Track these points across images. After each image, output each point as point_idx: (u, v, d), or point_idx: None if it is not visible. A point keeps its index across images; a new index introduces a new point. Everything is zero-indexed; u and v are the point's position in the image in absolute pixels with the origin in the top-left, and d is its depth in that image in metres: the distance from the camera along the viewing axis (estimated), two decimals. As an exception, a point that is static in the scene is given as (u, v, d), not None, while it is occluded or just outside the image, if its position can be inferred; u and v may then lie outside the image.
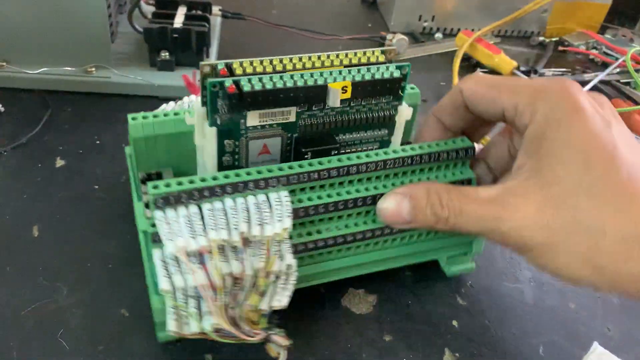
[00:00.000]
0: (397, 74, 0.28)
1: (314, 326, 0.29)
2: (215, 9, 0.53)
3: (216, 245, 0.23)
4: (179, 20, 0.46)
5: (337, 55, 0.28)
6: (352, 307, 0.31)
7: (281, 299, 0.25)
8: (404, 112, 0.30)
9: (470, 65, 0.56)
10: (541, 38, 0.62)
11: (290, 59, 0.27)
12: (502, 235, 0.24)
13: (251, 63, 0.26)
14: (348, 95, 0.27)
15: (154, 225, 0.23)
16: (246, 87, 0.25)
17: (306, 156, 0.28)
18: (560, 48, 0.61)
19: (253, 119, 0.26)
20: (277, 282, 0.25)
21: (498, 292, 0.33)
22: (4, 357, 0.26)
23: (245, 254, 0.24)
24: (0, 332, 0.27)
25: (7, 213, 0.33)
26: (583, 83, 0.52)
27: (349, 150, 0.30)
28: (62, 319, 0.28)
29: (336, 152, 0.28)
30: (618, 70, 0.55)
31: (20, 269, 0.30)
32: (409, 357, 0.28)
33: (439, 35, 0.60)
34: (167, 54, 0.45)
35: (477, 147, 0.31)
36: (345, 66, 0.28)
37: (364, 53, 0.29)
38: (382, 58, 0.29)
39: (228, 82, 0.25)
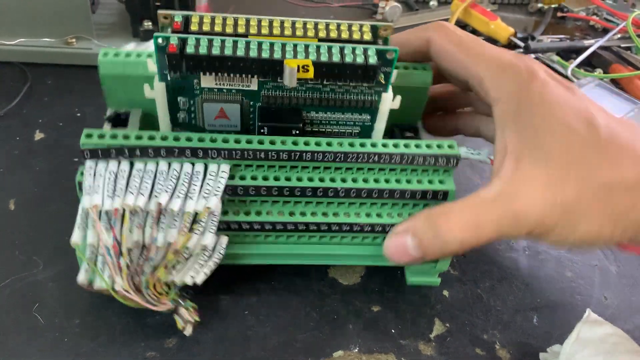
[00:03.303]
0: (373, 60, 0.24)
1: (299, 297, 0.28)
2: (201, -22, 0.51)
3: (128, 211, 0.23)
4: (161, -12, 0.44)
5: (316, 25, 0.25)
6: (340, 278, 0.29)
7: (195, 276, 0.24)
8: (388, 101, 0.26)
9: (465, 33, 0.54)
10: (540, 4, 0.60)
11: (259, 22, 0.25)
12: (521, 229, 0.24)
13: (212, 20, 0.24)
14: (310, 75, 0.23)
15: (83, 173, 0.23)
16: (189, 49, 0.23)
17: (262, 131, 0.26)
18: (560, 14, 0.59)
19: (208, 80, 0.25)
20: (197, 257, 0.24)
21: (491, 262, 0.32)
22: (-24, 333, 0.25)
23: (162, 224, 0.23)
24: (-28, 307, 0.26)
25: (-18, 187, 0.32)
26: (582, 49, 0.50)
27: (322, 129, 0.27)
28: (37, 293, 0.27)
29: (298, 131, 0.26)
30: (619, 36, 0.53)
31: (-5, 243, 0.29)
32: (397, 327, 0.27)
33: (433, 2, 0.58)
34: (150, 23, 0.44)
35: None
36: (320, 40, 0.25)
37: (349, 27, 0.25)
38: (368, 36, 0.25)
39: (173, 40, 0.23)
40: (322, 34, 0.25)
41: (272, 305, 0.28)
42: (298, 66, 0.23)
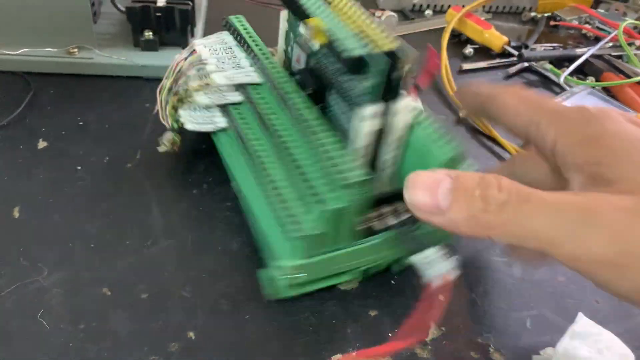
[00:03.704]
0: (355, 52, 0.26)
1: (298, 302, 0.29)
2: (201, -12, 0.52)
3: (203, 52, 0.34)
4: (162, -1, 0.45)
5: (361, 15, 0.28)
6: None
7: (186, 121, 0.33)
8: (365, 112, 0.26)
9: (460, 41, 0.55)
10: (533, 13, 0.61)
11: None
12: (583, 244, 0.18)
13: None
14: (324, 39, 0.28)
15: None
16: None
17: (296, 76, 0.32)
18: (552, 23, 0.60)
19: (302, 28, 0.31)
20: (202, 113, 0.33)
21: (486, 266, 0.32)
22: (-17, 338, 0.26)
23: (200, 72, 0.33)
24: (-21, 313, 0.27)
25: (-13, 195, 0.33)
26: (575, 57, 0.51)
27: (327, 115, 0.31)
28: (42, 299, 0.28)
29: (311, 93, 0.31)
30: (611, 44, 0.54)
31: (0, 249, 0.30)
32: (394, 331, 0.28)
33: (428, 12, 0.59)
34: (150, 33, 0.45)
35: None
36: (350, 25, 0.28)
37: (376, 30, 0.27)
38: (387, 46, 0.25)
39: None
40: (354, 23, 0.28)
41: (272, 309, 0.28)
42: (316, 26, 0.29)
